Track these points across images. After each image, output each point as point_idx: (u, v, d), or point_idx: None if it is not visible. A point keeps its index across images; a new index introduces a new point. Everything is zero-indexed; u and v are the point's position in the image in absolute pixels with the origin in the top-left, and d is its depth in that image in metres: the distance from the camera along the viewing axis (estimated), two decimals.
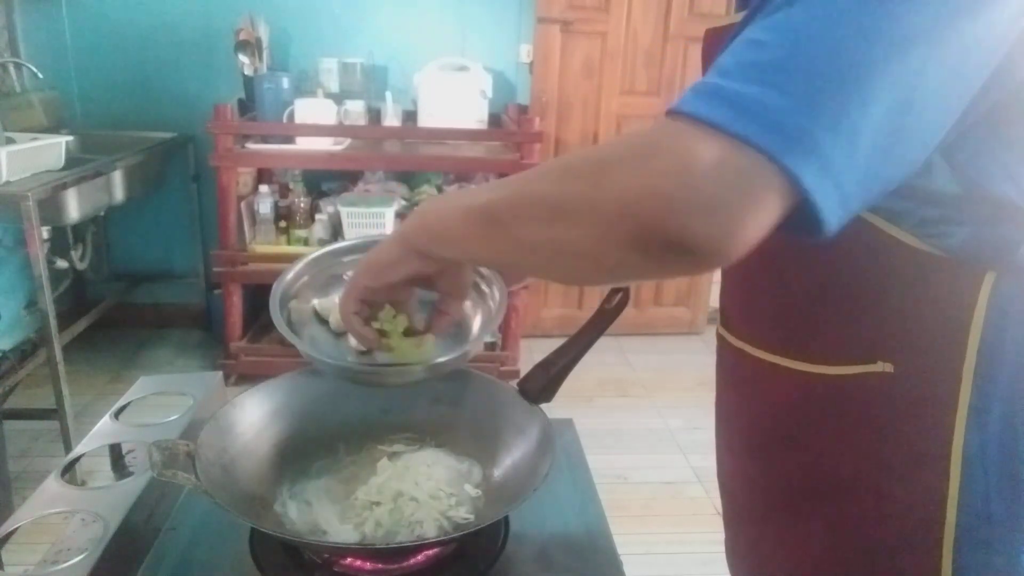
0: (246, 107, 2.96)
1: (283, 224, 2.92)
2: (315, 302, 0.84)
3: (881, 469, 0.65)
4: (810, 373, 0.66)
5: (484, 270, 0.85)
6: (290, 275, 0.86)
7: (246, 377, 2.82)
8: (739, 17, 0.67)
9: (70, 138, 2.57)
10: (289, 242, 2.91)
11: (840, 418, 0.66)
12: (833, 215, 0.46)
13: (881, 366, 0.62)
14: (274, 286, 0.82)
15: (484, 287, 0.85)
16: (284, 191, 2.97)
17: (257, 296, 3.07)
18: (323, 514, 0.77)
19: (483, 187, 0.60)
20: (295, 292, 0.85)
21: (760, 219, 0.45)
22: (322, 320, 0.84)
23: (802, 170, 0.44)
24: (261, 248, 2.88)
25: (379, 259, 0.68)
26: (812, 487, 0.70)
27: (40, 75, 2.78)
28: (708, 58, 0.75)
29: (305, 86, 2.98)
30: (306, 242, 2.89)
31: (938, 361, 0.60)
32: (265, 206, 2.87)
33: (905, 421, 0.63)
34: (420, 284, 0.72)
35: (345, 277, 0.89)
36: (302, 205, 2.91)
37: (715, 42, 0.73)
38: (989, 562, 0.63)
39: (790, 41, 0.47)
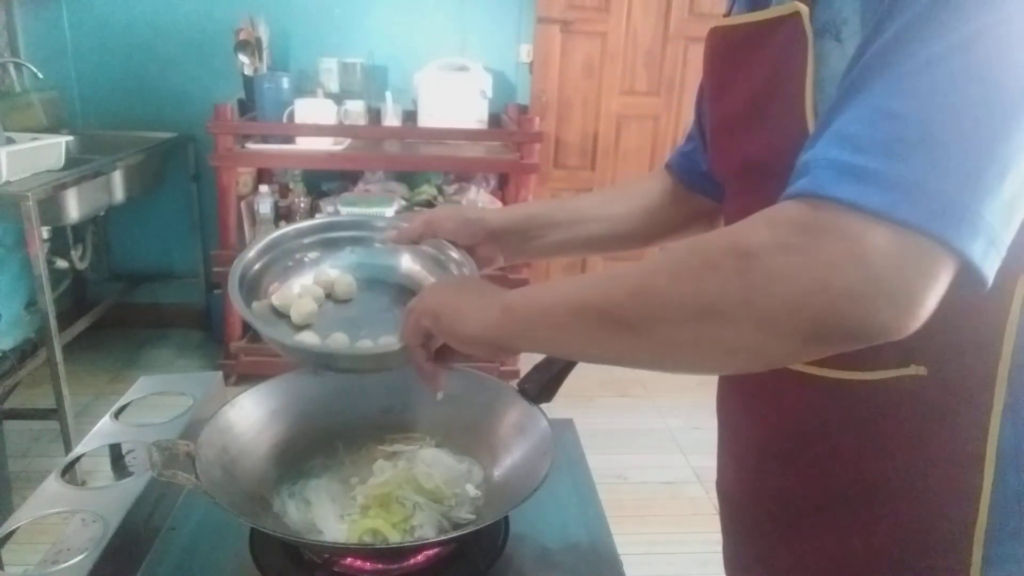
0: (246, 107, 2.96)
1: (283, 224, 2.91)
2: (273, 298, 0.82)
3: (914, 471, 0.64)
4: (839, 379, 0.64)
5: (456, 253, 0.85)
6: (251, 253, 0.83)
7: (246, 377, 2.82)
8: (751, 18, 0.66)
9: (70, 138, 2.56)
10: None
11: (871, 422, 0.65)
12: (993, 271, 0.47)
13: (914, 369, 0.61)
14: (233, 265, 0.80)
15: (454, 269, 0.84)
16: (284, 191, 2.97)
17: None
18: (322, 514, 0.77)
19: (587, 281, 0.59)
20: (255, 273, 0.83)
21: (935, 296, 0.47)
22: (280, 315, 0.81)
23: (972, 248, 0.46)
24: None
25: (459, 330, 0.67)
26: (839, 493, 0.68)
27: (40, 75, 2.78)
28: (715, 58, 0.74)
29: (305, 86, 2.98)
30: None
31: (973, 363, 0.60)
32: (265, 206, 2.87)
33: (939, 423, 0.62)
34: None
35: (306, 260, 0.86)
36: (302, 205, 2.91)
37: (724, 43, 0.72)
38: (1017, 553, 0.63)
39: (930, 113, 0.46)
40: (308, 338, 0.77)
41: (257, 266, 0.84)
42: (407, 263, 0.88)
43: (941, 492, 0.63)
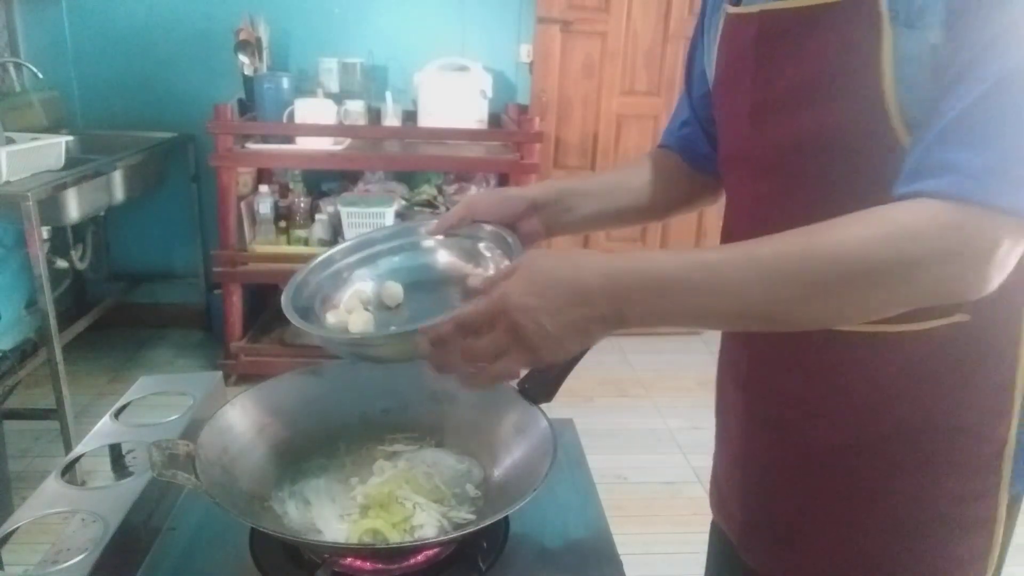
0: (246, 107, 2.96)
1: (283, 224, 2.92)
2: (328, 318, 0.83)
3: (952, 407, 0.70)
4: (889, 332, 0.69)
5: (489, 230, 0.86)
6: (301, 276, 0.86)
7: (246, 377, 2.82)
8: (813, 0, 0.66)
9: (70, 138, 2.57)
10: (289, 242, 2.91)
11: (916, 367, 0.70)
12: None
13: (959, 317, 0.67)
14: (286, 289, 0.82)
15: (485, 252, 0.87)
16: (284, 191, 2.97)
17: (257, 296, 3.07)
18: (322, 513, 0.77)
19: (731, 287, 0.60)
20: (307, 296, 0.85)
21: None
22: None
23: None
24: (261, 248, 2.88)
25: (559, 351, 0.64)
26: (877, 438, 0.73)
27: (40, 75, 2.78)
28: (761, 41, 0.72)
29: (305, 86, 2.98)
30: (306, 242, 2.89)
31: (1008, 305, 0.68)
32: (265, 206, 2.87)
33: (976, 360, 0.70)
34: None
35: (352, 276, 0.89)
36: (302, 205, 2.91)
37: (775, 27, 0.71)
38: None
39: None
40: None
41: (309, 287, 0.86)
42: (444, 257, 0.92)
43: (976, 422, 0.70)
